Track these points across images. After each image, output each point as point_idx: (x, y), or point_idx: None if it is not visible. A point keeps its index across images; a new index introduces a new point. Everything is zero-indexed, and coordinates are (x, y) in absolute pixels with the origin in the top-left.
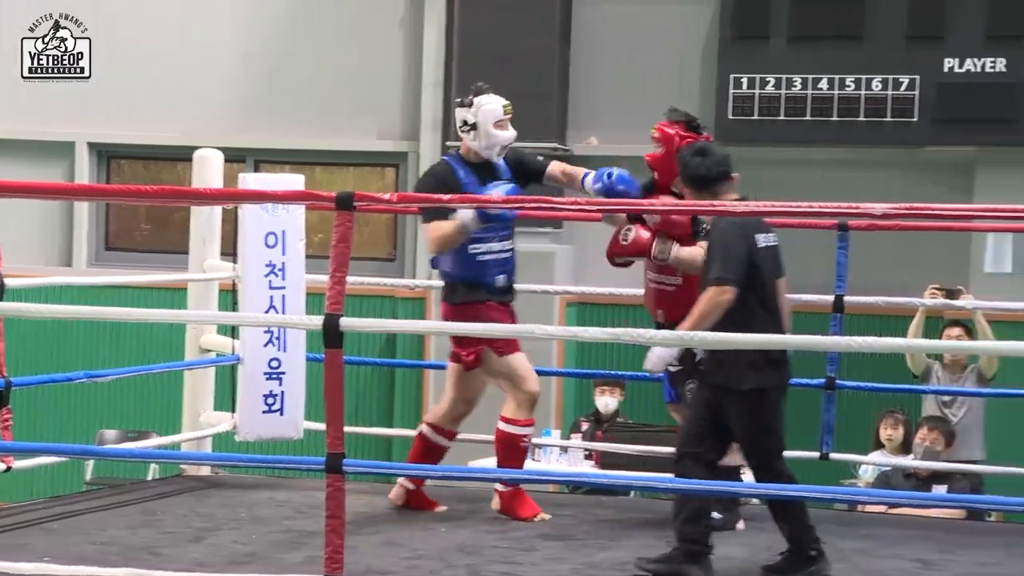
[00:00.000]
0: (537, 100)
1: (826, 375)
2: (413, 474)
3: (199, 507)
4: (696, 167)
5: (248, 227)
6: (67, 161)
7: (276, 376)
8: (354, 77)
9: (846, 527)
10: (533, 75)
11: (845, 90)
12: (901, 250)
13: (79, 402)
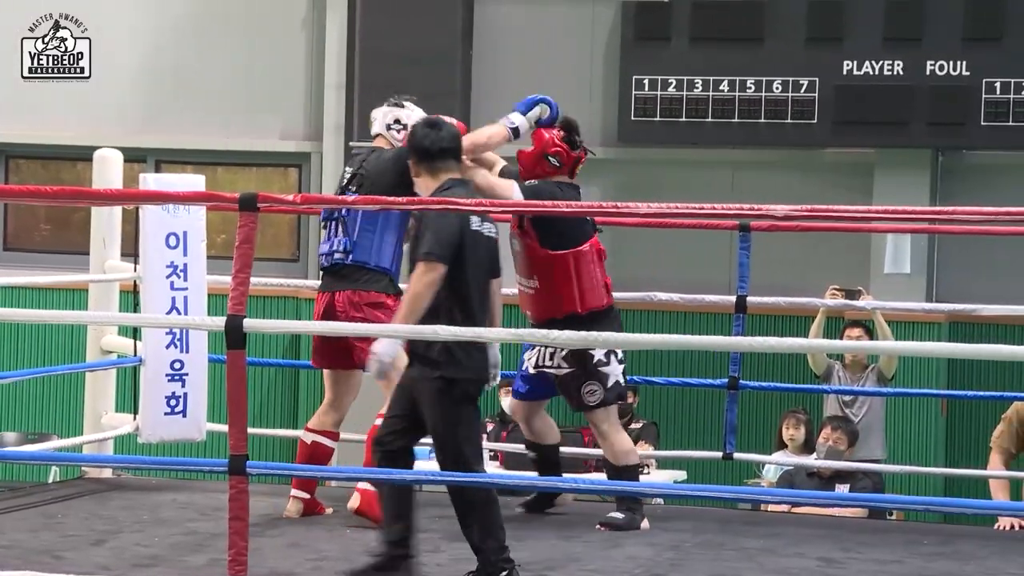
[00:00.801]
0: (440, 101)
1: (729, 375)
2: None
3: (101, 510)
4: (422, 138)
5: (149, 228)
6: None
7: (178, 378)
8: (257, 77)
9: (750, 526)
10: (436, 76)
11: (746, 92)
12: (802, 251)
13: None
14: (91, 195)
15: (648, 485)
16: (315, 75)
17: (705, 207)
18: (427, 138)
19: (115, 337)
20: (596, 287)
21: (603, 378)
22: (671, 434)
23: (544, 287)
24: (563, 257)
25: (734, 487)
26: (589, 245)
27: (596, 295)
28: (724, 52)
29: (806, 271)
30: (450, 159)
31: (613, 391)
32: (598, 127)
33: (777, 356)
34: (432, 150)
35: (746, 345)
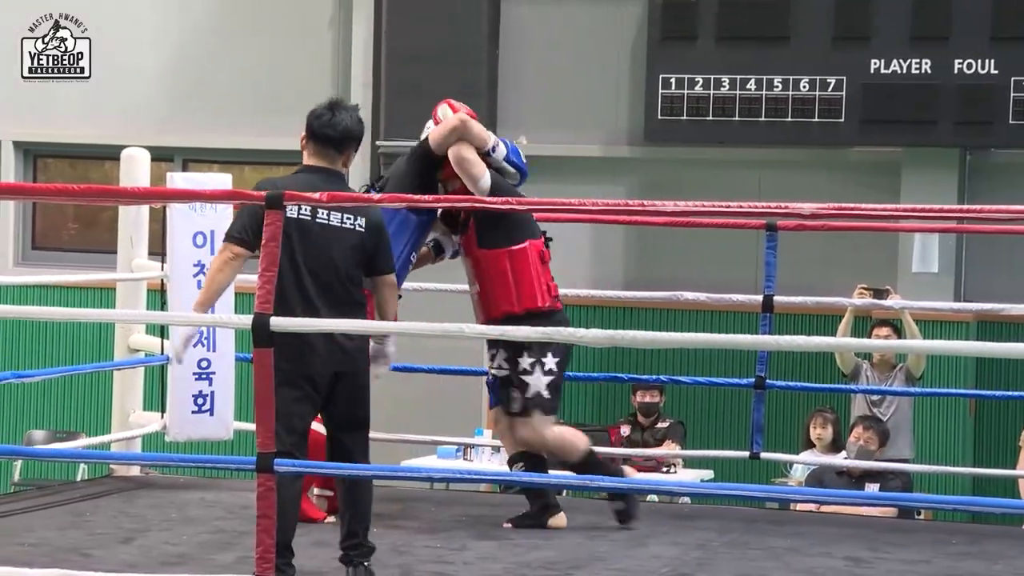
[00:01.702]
0: (466, 99)
1: (756, 374)
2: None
3: (129, 508)
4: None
5: (176, 226)
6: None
7: (206, 376)
8: (283, 76)
9: (777, 526)
10: (462, 75)
11: (773, 90)
12: (829, 250)
13: (6, 402)
14: (118, 194)
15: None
16: (341, 73)
17: (732, 206)
18: (319, 119)
19: (142, 336)
20: (535, 287)
21: (523, 387)
22: (698, 433)
23: (483, 288)
24: (498, 255)
25: (761, 486)
26: (529, 245)
27: (534, 295)
28: (751, 51)
29: (833, 270)
30: (330, 148)
31: (533, 401)
32: (624, 126)
33: (804, 355)
34: (317, 133)
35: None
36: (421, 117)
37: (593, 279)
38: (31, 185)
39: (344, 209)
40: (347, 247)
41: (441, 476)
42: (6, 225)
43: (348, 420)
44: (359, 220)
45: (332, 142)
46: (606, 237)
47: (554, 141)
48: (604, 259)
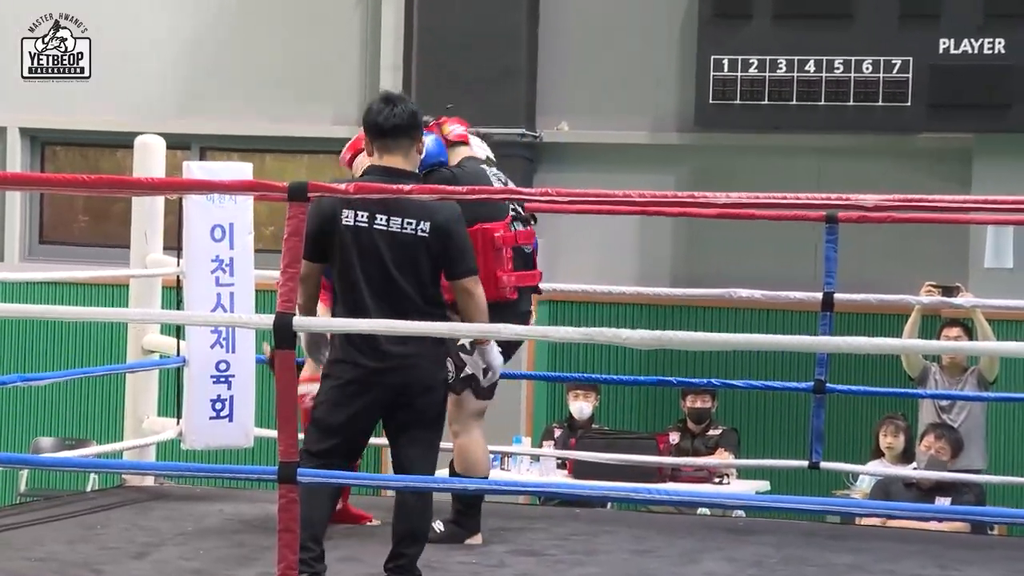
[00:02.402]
0: (503, 83)
1: (815, 378)
2: (371, 484)
3: (142, 520)
4: (376, 113)
5: (193, 219)
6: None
7: (224, 379)
8: (308, 59)
9: (838, 541)
10: (498, 56)
11: (833, 73)
12: (895, 244)
13: (12, 408)
14: (132, 184)
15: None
16: (370, 56)
17: (789, 197)
18: (380, 114)
19: (157, 336)
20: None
21: (459, 364)
22: (753, 441)
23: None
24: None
25: (821, 499)
26: (479, 229)
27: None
28: (810, 30)
29: (899, 266)
30: (402, 138)
31: (463, 383)
32: (673, 111)
33: (867, 358)
34: (384, 126)
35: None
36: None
37: (639, 276)
38: (39, 175)
39: (406, 213)
40: (408, 255)
41: (476, 487)
42: (12, 218)
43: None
44: (422, 224)
45: (400, 131)
46: (653, 231)
47: (597, 127)
48: (651, 254)
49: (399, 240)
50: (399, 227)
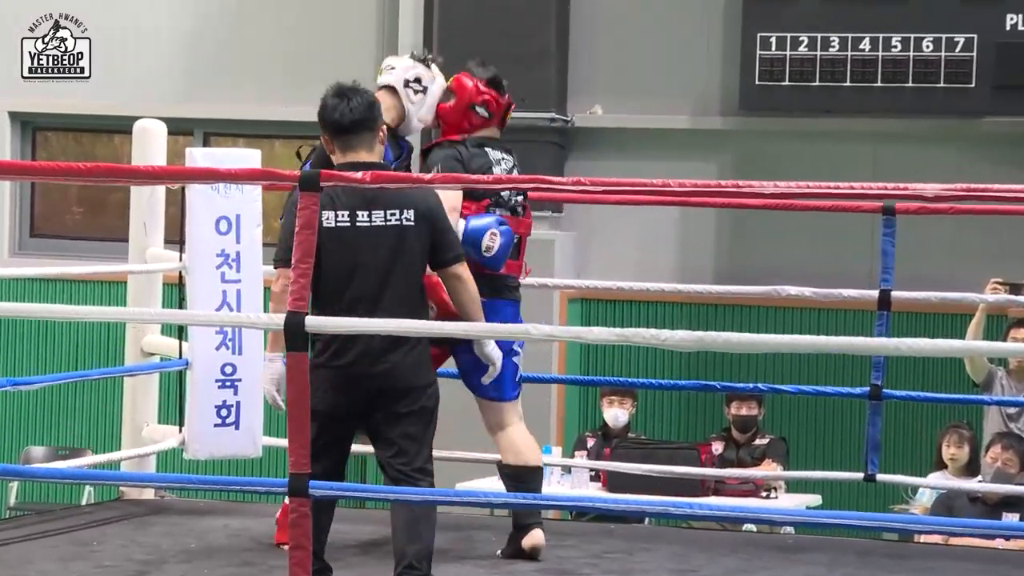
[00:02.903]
0: (532, 63)
1: (870, 383)
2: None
3: (141, 536)
4: (332, 110)
5: (196, 211)
6: None
7: (230, 384)
8: (321, 38)
9: (896, 560)
10: (527, 34)
11: (891, 52)
12: (957, 237)
13: (1, 414)
14: (130, 173)
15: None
16: (387, 36)
17: (842, 186)
18: (336, 111)
19: (158, 337)
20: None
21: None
22: (803, 451)
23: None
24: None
25: (878, 514)
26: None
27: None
28: (865, 5)
29: (962, 261)
30: (364, 132)
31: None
32: (716, 93)
33: (928, 361)
34: (342, 123)
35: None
36: None
37: (679, 271)
38: (29, 163)
39: (387, 205)
40: (396, 248)
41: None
42: (1, 209)
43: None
44: (407, 212)
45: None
46: (694, 223)
47: (633, 111)
48: (692, 248)
49: (385, 234)
50: (383, 220)
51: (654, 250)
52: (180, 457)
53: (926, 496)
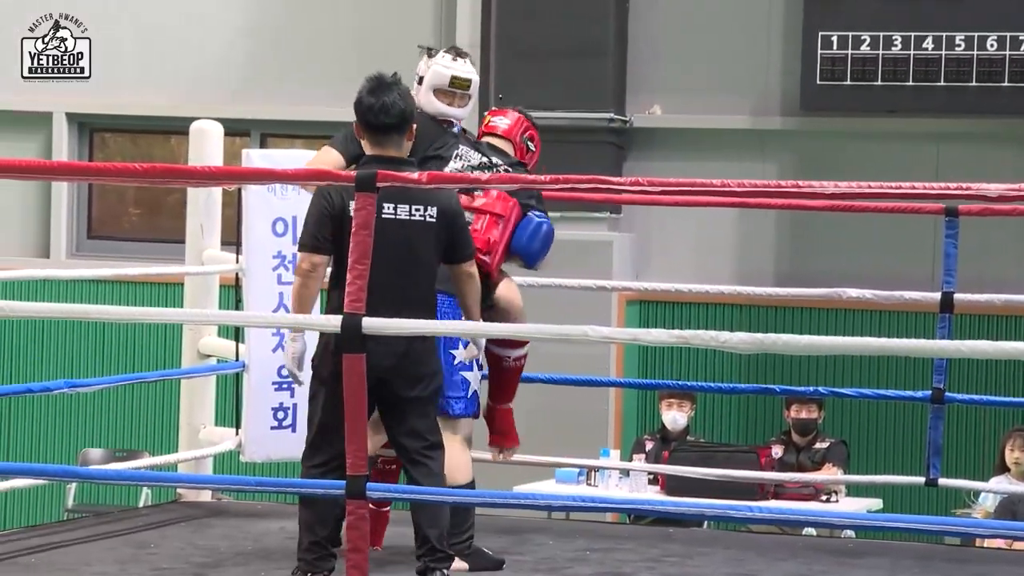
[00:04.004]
0: (589, 62)
1: (932, 386)
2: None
3: (199, 539)
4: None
5: (253, 212)
6: (43, 135)
7: (287, 386)
8: (377, 37)
9: (958, 564)
10: (585, 32)
11: (954, 50)
12: (1021, 238)
13: (59, 416)
14: (186, 174)
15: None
16: (445, 33)
17: (904, 187)
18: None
19: (214, 339)
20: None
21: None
22: (864, 455)
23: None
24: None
25: (940, 518)
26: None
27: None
28: (927, 3)
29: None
30: (394, 134)
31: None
32: (776, 92)
33: (990, 364)
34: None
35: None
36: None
37: (738, 273)
38: (87, 164)
39: (412, 200)
40: (416, 242)
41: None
42: (58, 211)
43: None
44: (430, 210)
45: (392, 128)
46: (754, 224)
47: (692, 111)
48: (752, 250)
49: (409, 228)
50: (407, 214)
51: (713, 252)
52: (237, 459)
53: (989, 500)
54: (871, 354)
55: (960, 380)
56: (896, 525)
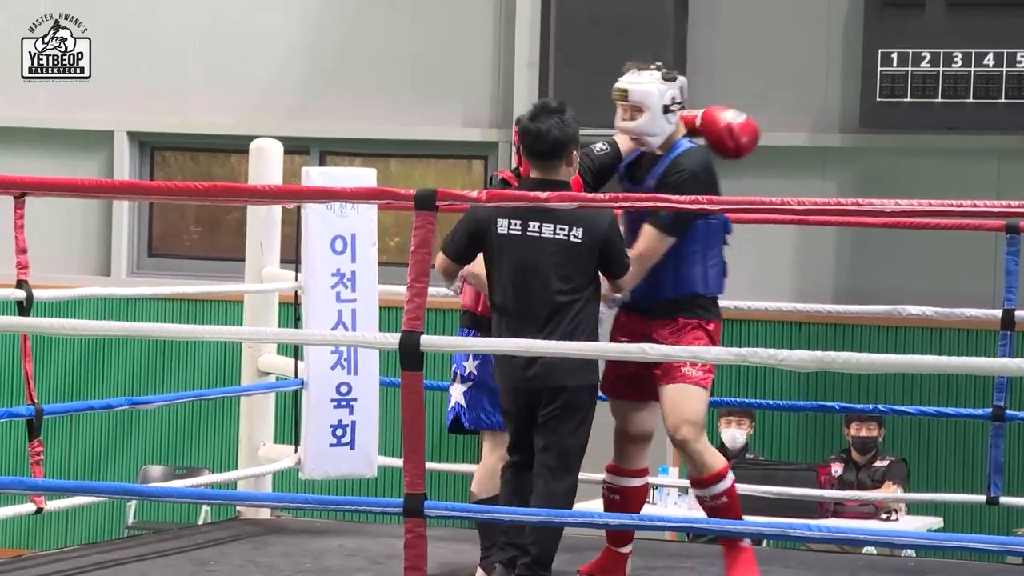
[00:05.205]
0: None
1: (993, 403)
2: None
3: (258, 556)
4: (524, 134)
5: (312, 230)
6: (105, 153)
7: (346, 404)
8: (435, 55)
9: None
10: (644, 49)
11: (1015, 67)
12: None
13: (120, 433)
14: (247, 192)
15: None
16: (503, 51)
17: (965, 204)
18: (526, 134)
19: (274, 356)
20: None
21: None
22: (924, 473)
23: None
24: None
25: (1001, 537)
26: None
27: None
28: (988, 19)
29: None
30: (549, 159)
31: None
32: (836, 109)
33: None
34: (528, 149)
35: (1015, 368)
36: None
37: (798, 291)
38: (148, 183)
39: (559, 219)
40: (555, 259)
41: (619, 522)
42: (119, 229)
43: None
44: (575, 230)
45: (544, 155)
46: (813, 241)
47: None
48: (811, 267)
49: (551, 246)
50: (551, 233)
51: (772, 269)
52: (296, 477)
53: None
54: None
55: (1021, 398)
56: (957, 544)
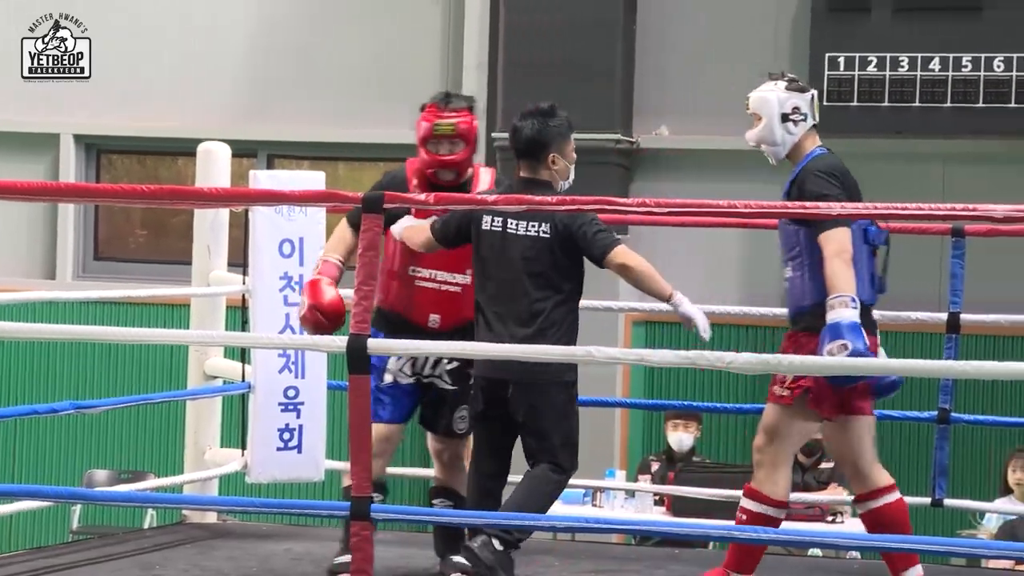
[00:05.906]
0: (596, 83)
1: (938, 406)
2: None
3: (204, 560)
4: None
5: (260, 233)
6: (50, 156)
7: (293, 407)
8: (384, 58)
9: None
10: (592, 52)
11: (961, 71)
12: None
13: (64, 437)
14: (194, 195)
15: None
16: (452, 53)
17: (910, 207)
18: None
19: (221, 360)
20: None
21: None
22: None
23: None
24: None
25: (945, 539)
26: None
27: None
28: (934, 23)
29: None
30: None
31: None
32: None
33: (996, 384)
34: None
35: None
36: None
37: (745, 294)
38: (93, 186)
39: (532, 217)
40: (526, 255)
41: (566, 525)
42: (65, 232)
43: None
44: (544, 226)
45: (520, 153)
46: (760, 245)
47: (700, 132)
48: (758, 271)
49: (525, 243)
50: (524, 230)
51: (720, 272)
52: (242, 481)
53: (993, 521)
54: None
55: (966, 400)
56: (902, 546)
